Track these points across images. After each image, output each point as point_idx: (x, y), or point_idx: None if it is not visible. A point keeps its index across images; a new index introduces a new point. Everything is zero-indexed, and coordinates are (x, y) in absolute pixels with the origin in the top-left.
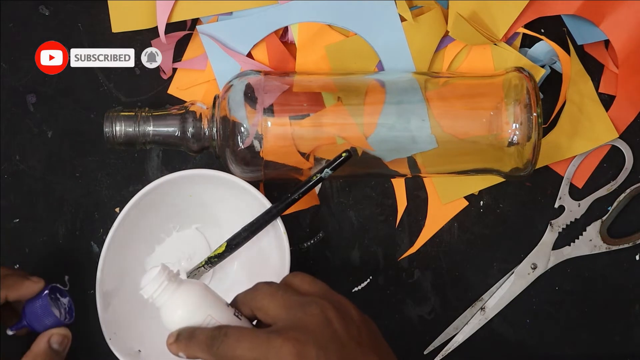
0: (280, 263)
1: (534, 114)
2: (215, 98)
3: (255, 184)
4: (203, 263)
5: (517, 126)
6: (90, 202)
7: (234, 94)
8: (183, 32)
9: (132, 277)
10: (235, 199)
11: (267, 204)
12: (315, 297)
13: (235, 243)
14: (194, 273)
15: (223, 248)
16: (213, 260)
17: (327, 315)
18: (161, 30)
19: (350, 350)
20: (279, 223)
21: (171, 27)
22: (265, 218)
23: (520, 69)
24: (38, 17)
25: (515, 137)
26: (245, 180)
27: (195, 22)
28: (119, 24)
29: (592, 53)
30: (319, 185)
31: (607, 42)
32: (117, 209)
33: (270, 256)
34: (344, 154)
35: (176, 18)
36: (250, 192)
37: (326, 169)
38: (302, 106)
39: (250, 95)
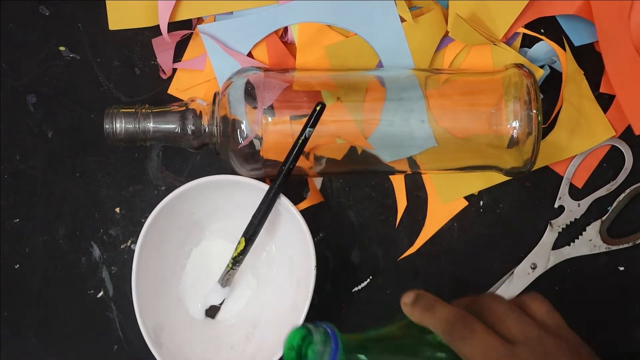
0: (306, 258)
1: (534, 111)
2: (215, 95)
3: (261, 180)
4: (230, 266)
5: (517, 123)
6: (90, 202)
7: (233, 91)
8: (185, 31)
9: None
10: (247, 199)
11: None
12: (551, 332)
13: (251, 234)
14: (226, 278)
15: (243, 244)
16: (238, 259)
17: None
18: (163, 28)
19: None
20: (299, 218)
21: (171, 27)
22: (270, 197)
23: (519, 66)
24: (38, 17)
25: (515, 134)
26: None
27: (194, 22)
28: (116, 22)
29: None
30: (321, 181)
31: None
32: (117, 209)
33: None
34: (317, 107)
35: (177, 18)
36: (258, 188)
37: (308, 128)
38: (302, 104)
39: (250, 93)
